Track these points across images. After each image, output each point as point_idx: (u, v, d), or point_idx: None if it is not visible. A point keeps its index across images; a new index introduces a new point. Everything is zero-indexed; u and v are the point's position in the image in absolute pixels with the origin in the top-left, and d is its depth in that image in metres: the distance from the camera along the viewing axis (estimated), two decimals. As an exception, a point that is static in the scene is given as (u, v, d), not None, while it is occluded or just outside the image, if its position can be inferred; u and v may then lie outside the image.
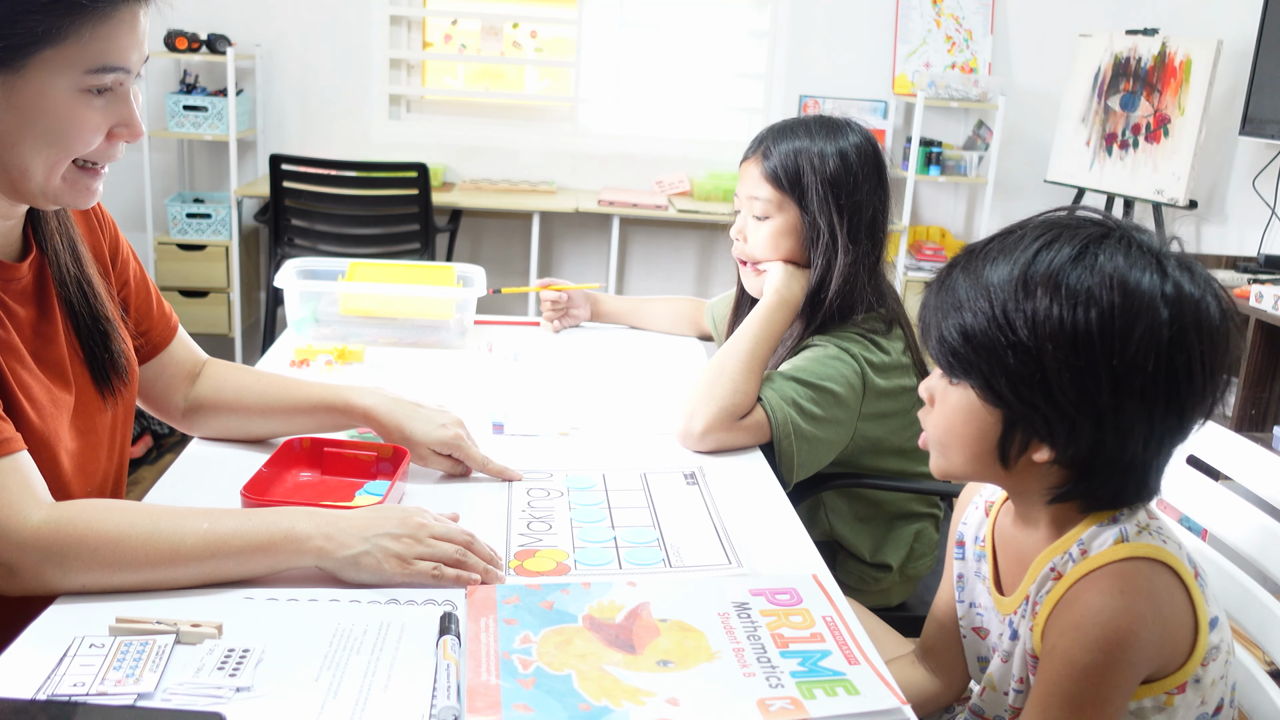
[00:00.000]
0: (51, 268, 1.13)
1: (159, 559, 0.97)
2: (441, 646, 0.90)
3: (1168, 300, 0.88)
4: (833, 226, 1.54)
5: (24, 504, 0.95)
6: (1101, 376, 0.88)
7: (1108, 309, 0.88)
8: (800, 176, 1.55)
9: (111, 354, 1.17)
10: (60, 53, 0.96)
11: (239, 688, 0.85)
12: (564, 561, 1.12)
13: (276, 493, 1.22)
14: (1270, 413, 3.05)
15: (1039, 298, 0.89)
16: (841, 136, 1.56)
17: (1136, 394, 0.89)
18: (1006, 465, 0.96)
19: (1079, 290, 0.89)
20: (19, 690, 0.83)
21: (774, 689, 0.88)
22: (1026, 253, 0.92)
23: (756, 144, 1.62)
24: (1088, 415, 0.90)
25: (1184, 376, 0.89)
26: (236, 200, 3.87)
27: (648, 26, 4.18)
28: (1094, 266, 0.89)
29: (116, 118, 1.02)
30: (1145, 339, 0.88)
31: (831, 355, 1.51)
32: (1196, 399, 0.91)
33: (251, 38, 3.97)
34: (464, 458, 1.30)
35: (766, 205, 1.58)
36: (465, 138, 4.18)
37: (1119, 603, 0.90)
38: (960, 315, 0.94)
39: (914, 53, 4.10)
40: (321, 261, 2.01)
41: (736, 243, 1.65)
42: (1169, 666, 0.93)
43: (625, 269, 4.33)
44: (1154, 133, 3.50)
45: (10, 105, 0.97)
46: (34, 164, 1.00)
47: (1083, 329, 0.88)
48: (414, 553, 1.03)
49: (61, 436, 1.09)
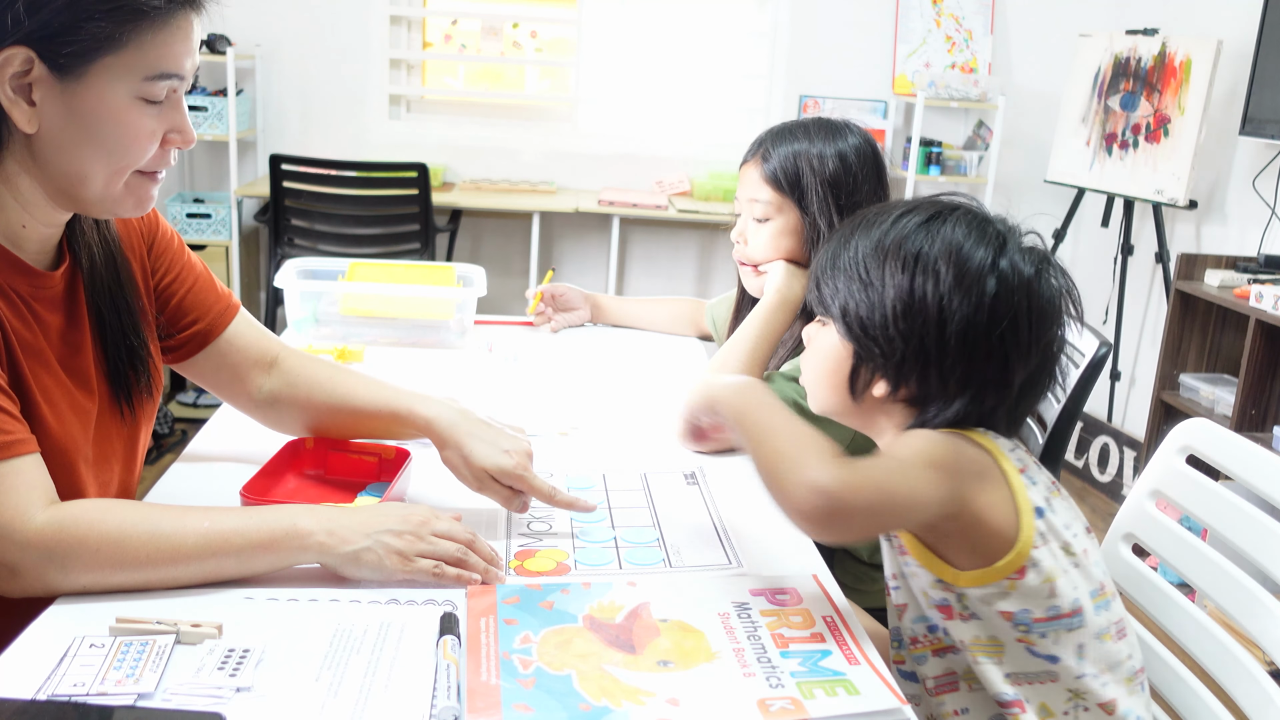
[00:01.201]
0: (84, 277, 1.12)
1: (161, 558, 0.98)
2: (442, 646, 0.90)
3: (998, 274, 1.03)
4: (833, 227, 1.55)
5: (29, 505, 0.95)
6: (929, 327, 1.03)
7: (941, 272, 1.03)
8: (800, 178, 1.56)
9: (136, 368, 1.17)
10: (120, 60, 0.97)
11: (239, 688, 0.85)
12: (564, 562, 1.12)
13: (276, 494, 1.22)
14: (1270, 413, 3.05)
15: (890, 259, 1.05)
16: (840, 138, 1.57)
17: (957, 345, 1.02)
18: (855, 397, 1.09)
19: (920, 255, 1.04)
20: (19, 690, 0.83)
21: (774, 689, 0.88)
22: (889, 218, 1.08)
23: (756, 147, 1.62)
24: (915, 356, 1.03)
25: (1010, 339, 1.03)
26: (236, 200, 3.87)
27: (648, 26, 4.18)
28: (936, 234, 1.05)
29: (169, 124, 1.03)
30: (968, 302, 1.02)
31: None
32: (1020, 358, 1.04)
33: (251, 38, 3.97)
34: (526, 488, 1.17)
35: (766, 207, 1.59)
36: (465, 138, 4.18)
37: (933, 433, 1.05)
38: (828, 262, 1.11)
39: (914, 53, 4.10)
40: (321, 261, 2.01)
41: (737, 245, 1.65)
42: (996, 543, 1.01)
43: (625, 269, 4.33)
44: (1154, 133, 3.50)
45: (70, 112, 0.97)
46: (93, 172, 1.01)
47: (919, 289, 1.03)
48: (415, 550, 1.03)
49: (81, 445, 1.09)
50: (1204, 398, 3.26)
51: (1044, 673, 1.03)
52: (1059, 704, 1.03)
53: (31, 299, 1.06)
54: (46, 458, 1.01)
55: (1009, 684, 1.03)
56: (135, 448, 1.21)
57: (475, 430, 1.21)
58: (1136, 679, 1.07)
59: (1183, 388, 3.36)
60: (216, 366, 1.29)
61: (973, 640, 1.04)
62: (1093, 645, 1.03)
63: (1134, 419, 3.97)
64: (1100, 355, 1.69)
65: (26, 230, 1.05)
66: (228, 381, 1.31)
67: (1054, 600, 1.01)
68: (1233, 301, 3.09)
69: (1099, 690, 1.03)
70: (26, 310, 1.05)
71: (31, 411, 1.02)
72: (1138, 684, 1.07)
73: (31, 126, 0.97)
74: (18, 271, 1.04)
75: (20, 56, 0.94)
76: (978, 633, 1.03)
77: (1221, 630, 1.18)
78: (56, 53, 0.95)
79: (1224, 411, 3.14)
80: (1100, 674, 1.03)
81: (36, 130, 0.98)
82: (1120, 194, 3.60)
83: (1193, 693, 1.22)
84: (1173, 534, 1.28)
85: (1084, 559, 1.04)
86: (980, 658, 1.03)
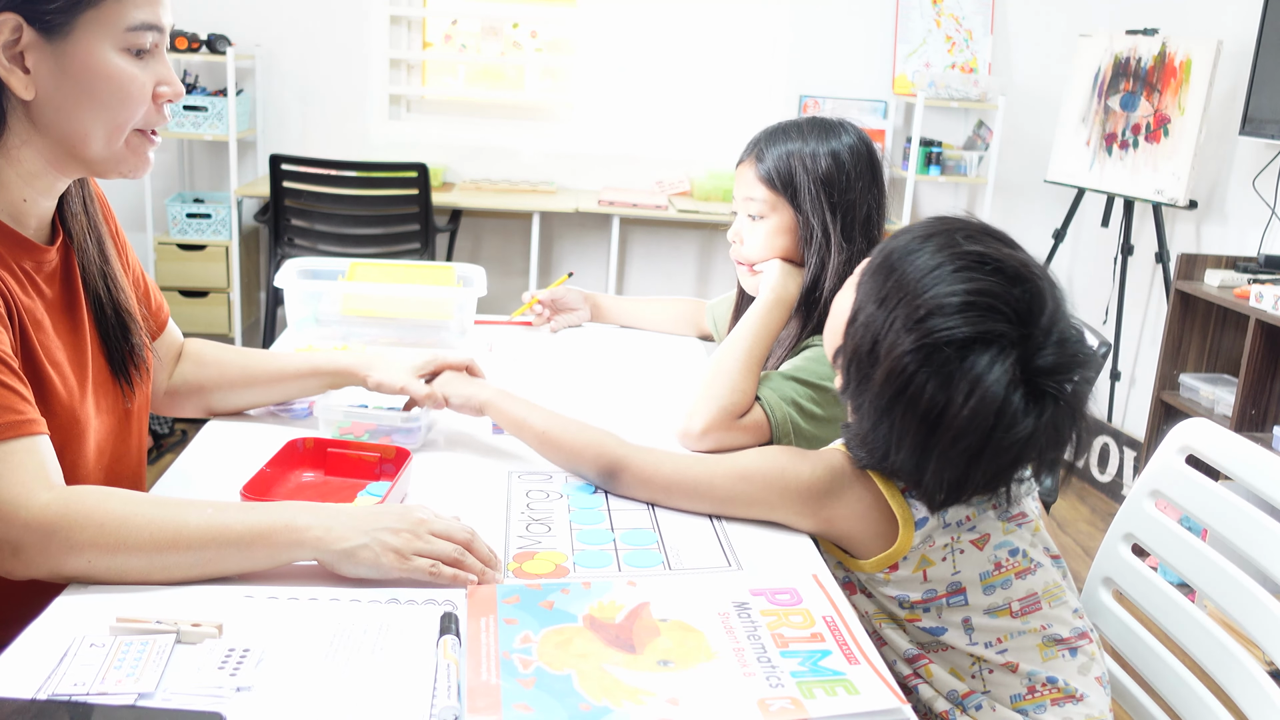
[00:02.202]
0: (78, 255, 1.16)
1: (162, 543, 0.98)
2: (442, 646, 0.90)
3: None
4: (826, 226, 1.55)
5: (34, 484, 0.97)
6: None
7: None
8: (793, 177, 1.57)
9: (131, 346, 1.20)
10: (100, 14, 1.02)
11: (239, 687, 0.85)
12: (563, 564, 1.12)
13: (277, 493, 1.22)
14: (1270, 413, 3.05)
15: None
16: (834, 137, 1.58)
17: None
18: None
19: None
20: (19, 690, 0.83)
21: (774, 689, 0.88)
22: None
23: (751, 147, 1.63)
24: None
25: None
26: (236, 200, 3.87)
27: (648, 26, 4.18)
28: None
29: (156, 77, 1.08)
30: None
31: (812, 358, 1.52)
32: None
33: (251, 38, 3.97)
34: (443, 366, 1.41)
35: (761, 205, 1.60)
36: (465, 138, 4.18)
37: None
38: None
39: (914, 53, 4.10)
40: (322, 261, 2.01)
41: (734, 245, 1.66)
42: (869, 547, 1.15)
43: (625, 269, 4.33)
44: (1154, 133, 3.50)
45: (64, 72, 1.02)
46: (93, 129, 1.05)
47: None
48: (412, 548, 1.03)
49: (88, 418, 1.12)
50: (1204, 398, 3.26)
51: (934, 643, 1.16)
52: (964, 666, 1.16)
53: (34, 273, 1.09)
54: (59, 429, 1.04)
55: (913, 646, 1.17)
56: (130, 424, 1.23)
57: (384, 353, 1.44)
58: (1058, 645, 1.16)
59: (1183, 388, 3.36)
60: None
61: (875, 613, 1.19)
62: (980, 616, 1.14)
63: (1134, 419, 3.97)
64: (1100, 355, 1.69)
65: (27, 204, 1.08)
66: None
67: (929, 585, 1.14)
68: (1233, 301, 3.09)
69: (995, 657, 1.14)
70: (30, 285, 1.08)
71: (43, 383, 1.05)
72: (1061, 649, 1.16)
73: (29, 93, 1.02)
74: (20, 247, 1.08)
75: (10, 24, 0.99)
76: (874, 607, 1.19)
77: (1221, 630, 1.18)
78: (41, 13, 0.99)
79: (1224, 411, 3.14)
80: (996, 644, 1.15)
81: (34, 96, 1.02)
82: (1120, 194, 3.61)
83: (1193, 693, 1.22)
84: (1173, 534, 1.28)
85: (959, 549, 1.15)
86: (883, 625, 1.19)
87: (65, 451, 1.06)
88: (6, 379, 0.98)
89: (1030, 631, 1.15)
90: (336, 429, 1.38)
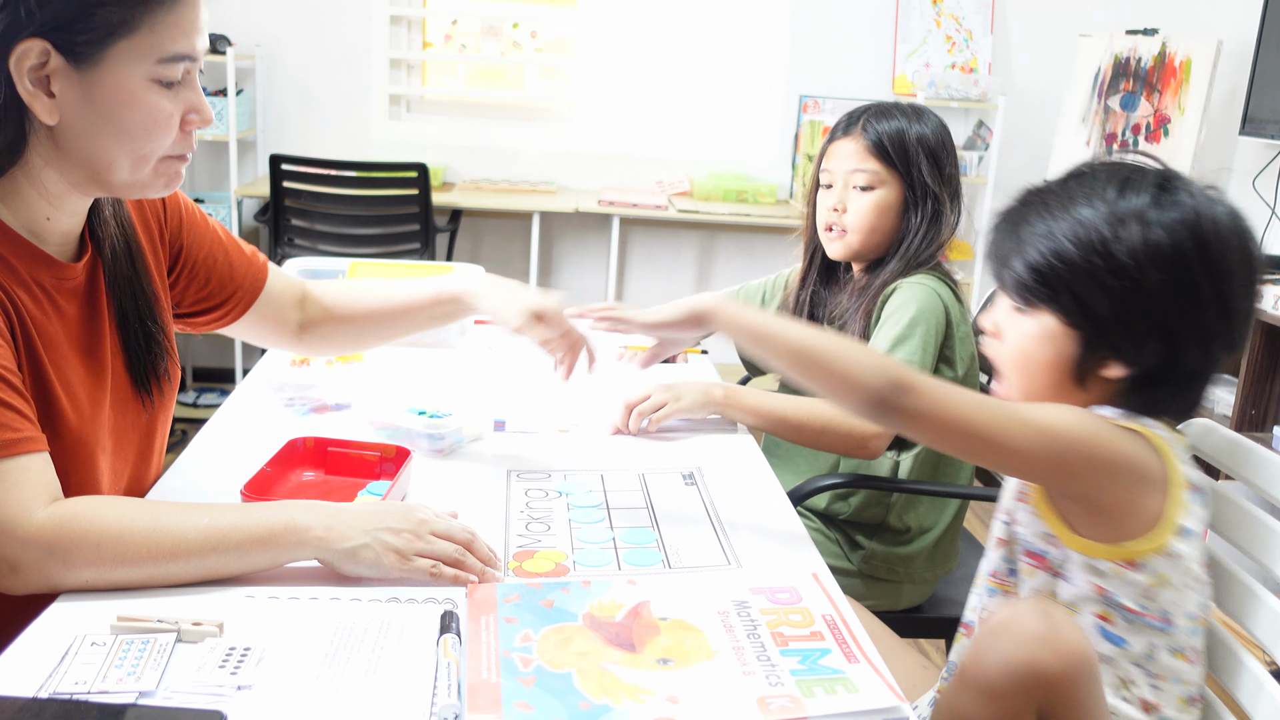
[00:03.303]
0: (105, 268, 1.14)
1: (161, 553, 0.98)
2: (442, 645, 0.91)
3: (1238, 231, 1.05)
4: (938, 195, 1.69)
5: (31, 502, 0.96)
6: (1202, 290, 1.02)
7: (1197, 236, 1.02)
8: (906, 150, 1.69)
9: (154, 354, 1.19)
10: (133, 44, 0.99)
11: (240, 686, 0.86)
12: (563, 563, 1.12)
13: (277, 493, 1.23)
14: (1270, 413, 3.05)
15: (1133, 229, 1.02)
16: (927, 119, 1.73)
17: (1212, 305, 1.03)
18: (1082, 382, 1.08)
19: (1168, 222, 1.02)
20: (21, 689, 0.83)
21: (773, 687, 0.88)
22: (1109, 193, 1.05)
23: (852, 122, 1.74)
24: (1162, 329, 1.03)
25: (1241, 292, 1.05)
26: (236, 200, 3.87)
27: (648, 26, 4.18)
28: (1174, 202, 1.03)
29: (187, 105, 1.05)
30: (1227, 260, 1.03)
31: (908, 297, 1.63)
32: (1245, 310, 1.07)
33: (251, 38, 3.97)
34: (554, 322, 1.32)
35: (871, 176, 1.70)
36: (465, 138, 4.18)
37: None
38: (1048, 246, 1.06)
39: (914, 53, 4.10)
40: (322, 261, 2.01)
41: (831, 212, 1.73)
42: (1122, 531, 1.04)
43: (625, 269, 4.33)
44: (1154, 133, 3.50)
45: (90, 101, 0.99)
46: (118, 158, 1.03)
47: (1180, 251, 1.02)
48: (413, 548, 1.03)
49: (99, 436, 1.11)
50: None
51: (1101, 655, 1.05)
52: (1110, 679, 1.06)
53: (54, 290, 1.07)
54: (65, 450, 1.03)
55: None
56: (154, 438, 1.23)
57: (502, 282, 1.37)
58: (1191, 704, 1.10)
59: (1182, 388, 3.35)
60: (260, 320, 1.38)
61: (1051, 597, 1.08)
62: (1164, 654, 1.06)
63: (1134, 419, 3.96)
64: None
65: (50, 223, 1.07)
66: (272, 328, 1.40)
67: (1149, 601, 1.05)
68: (1232, 301, 3.08)
69: (1147, 691, 1.06)
70: (48, 302, 1.06)
71: (51, 404, 1.04)
72: (1193, 709, 1.10)
73: (53, 118, 0.99)
74: (40, 263, 1.06)
75: (36, 49, 0.96)
76: (1059, 592, 1.08)
77: (1222, 630, 1.18)
78: (71, 42, 0.96)
79: (1224, 411, 3.14)
80: (1155, 678, 1.06)
81: (58, 121, 1.00)
82: (1120, 194, 3.60)
83: (1192, 692, 1.22)
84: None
85: (1197, 584, 1.07)
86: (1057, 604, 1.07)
87: (71, 473, 1.05)
88: (5, 396, 0.97)
89: (1184, 681, 1.09)
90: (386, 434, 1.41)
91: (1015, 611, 0.95)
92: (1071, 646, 0.93)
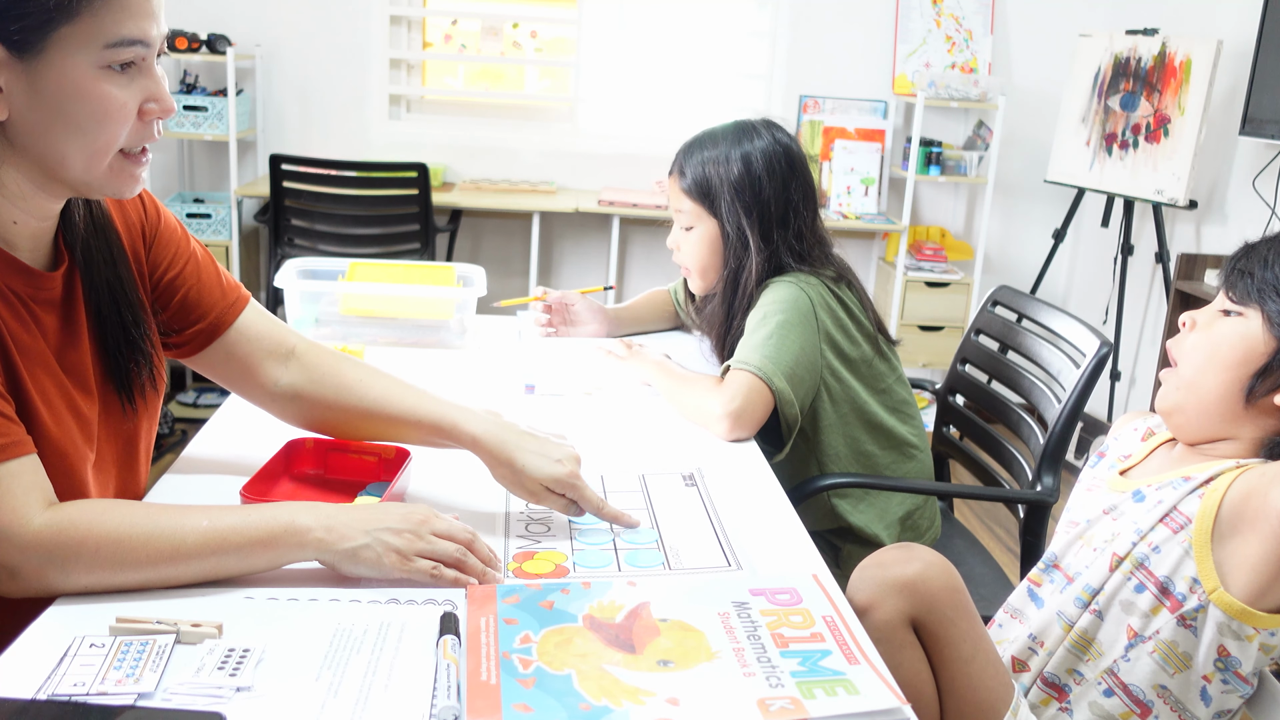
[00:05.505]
0: (82, 275, 1.10)
1: (160, 558, 0.97)
2: (442, 646, 0.91)
3: None
4: (742, 229, 1.64)
5: (27, 507, 0.95)
6: None
7: None
8: (709, 186, 1.66)
9: (138, 362, 1.15)
10: (76, 29, 0.94)
11: (239, 687, 0.85)
12: (563, 564, 1.12)
13: (276, 494, 1.22)
14: (1270, 413, 3.05)
15: None
16: (748, 140, 1.65)
17: None
18: (1249, 399, 1.07)
19: None
20: (19, 690, 0.83)
21: (774, 688, 0.88)
22: None
23: (675, 159, 1.73)
24: None
25: None
26: (236, 200, 3.87)
27: (648, 26, 4.18)
28: None
29: (143, 94, 1.00)
30: None
31: (774, 298, 1.61)
32: None
33: (251, 38, 3.97)
34: (578, 498, 1.20)
35: (689, 218, 1.70)
36: (465, 138, 4.18)
37: None
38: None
39: (914, 53, 4.10)
40: (322, 261, 2.01)
41: (675, 252, 1.77)
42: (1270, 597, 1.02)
43: (625, 269, 4.33)
44: (1154, 133, 3.50)
45: (36, 92, 0.95)
46: (71, 152, 0.98)
47: None
48: (414, 549, 1.03)
49: (80, 447, 1.08)
50: (1204, 398, 3.25)
51: (1179, 704, 1.06)
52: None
53: (30, 300, 1.04)
54: (46, 462, 1.01)
55: (1152, 692, 1.06)
56: (138, 446, 1.20)
57: (523, 443, 1.21)
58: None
59: (1183, 388, 3.35)
60: (226, 359, 1.26)
61: (1167, 640, 1.05)
62: (1234, 700, 1.08)
63: (1134, 419, 3.96)
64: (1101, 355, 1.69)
65: (18, 226, 1.02)
66: (238, 374, 1.27)
67: (1245, 660, 1.04)
68: (1233, 301, 3.08)
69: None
70: (25, 311, 1.03)
71: (30, 415, 1.01)
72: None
73: (2, 113, 0.95)
74: (15, 271, 1.03)
75: None
76: (1177, 638, 1.05)
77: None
78: (7, 30, 0.92)
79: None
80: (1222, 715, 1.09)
81: (8, 116, 0.96)
82: (1120, 194, 3.60)
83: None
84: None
85: None
86: (1156, 655, 1.06)
87: (54, 485, 1.02)
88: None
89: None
90: None
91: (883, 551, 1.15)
92: (925, 556, 1.13)
